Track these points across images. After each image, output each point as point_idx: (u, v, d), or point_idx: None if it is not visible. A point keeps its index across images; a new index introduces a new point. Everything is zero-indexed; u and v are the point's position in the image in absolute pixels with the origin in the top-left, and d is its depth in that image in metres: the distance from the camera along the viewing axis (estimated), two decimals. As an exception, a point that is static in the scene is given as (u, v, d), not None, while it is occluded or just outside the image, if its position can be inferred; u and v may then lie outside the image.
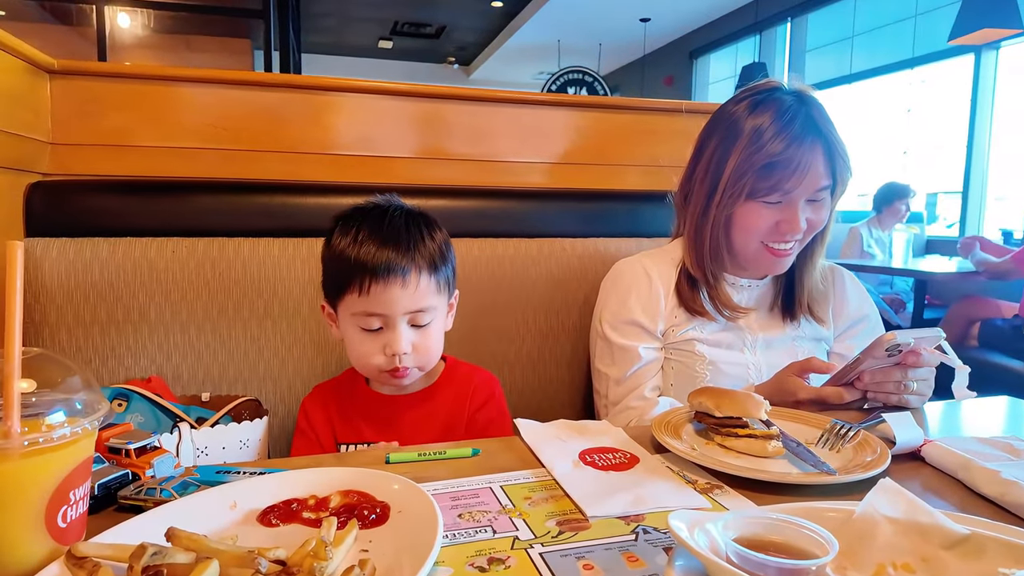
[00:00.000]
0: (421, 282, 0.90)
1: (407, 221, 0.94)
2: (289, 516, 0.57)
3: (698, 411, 0.80)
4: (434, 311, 0.92)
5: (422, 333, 0.92)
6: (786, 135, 0.98)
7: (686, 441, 0.76)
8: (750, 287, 1.15)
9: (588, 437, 0.78)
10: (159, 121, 1.22)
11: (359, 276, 0.89)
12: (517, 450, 0.76)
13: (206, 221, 1.16)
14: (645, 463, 0.71)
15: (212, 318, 1.14)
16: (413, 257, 0.90)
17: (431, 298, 0.92)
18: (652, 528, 0.56)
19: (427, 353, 0.94)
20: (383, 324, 0.91)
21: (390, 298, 0.89)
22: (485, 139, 1.40)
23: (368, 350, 0.92)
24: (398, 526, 0.55)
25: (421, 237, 0.93)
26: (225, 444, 0.90)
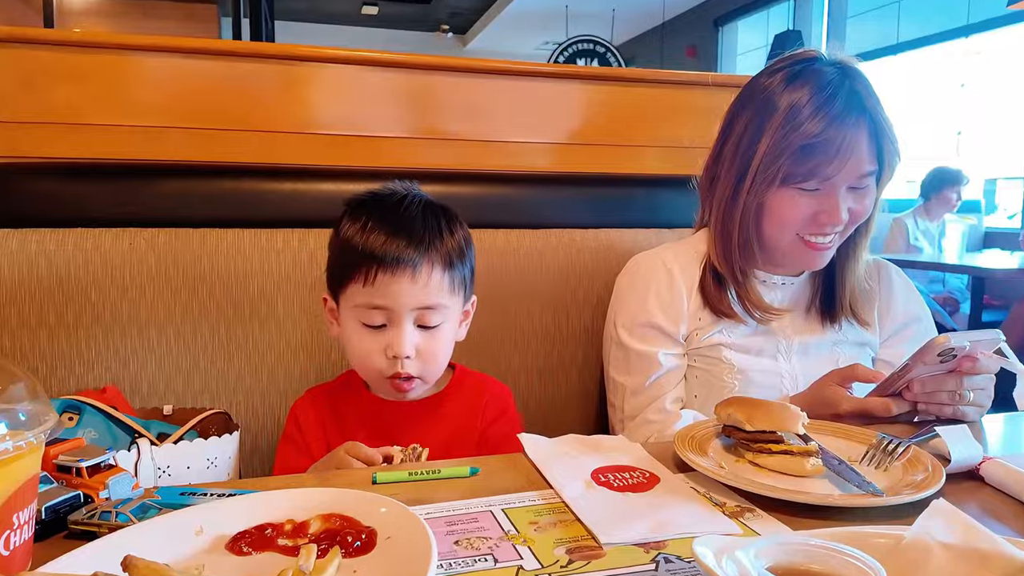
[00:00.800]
0: (434, 277, 0.92)
1: (425, 211, 0.96)
2: (263, 543, 0.57)
3: (726, 424, 0.80)
4: (445, 312, 0.94)
5: (430, 336, 0.93)
6: (826, 113, 0.98)
7: (713, 458, 0.76)
8: (784, 285, 1.15)
9: (602, 454, 0.78)
10: (114, 96, 1.22)
11: (365, 264, 0.91)
12: (521, 469, 0.76)
13: (168, 209, 1.17)
14: (666, 483, 0.71)
15: (175, 320, 1.14)
16: (427, 249, 0.92)
17: (443, 296, 0.93)
18: (675, 556, 0.56)
19: (433, 360, 0.94)
20: (387, 320, 0.92)
21: (397, 290, 0.90)
22: (483, 117, 1.40)
23: (368, 349, 0.93)
24: (386, 554, 0.55)
25: (438, 230, 0.94)
26: (190, 463, 0.90)
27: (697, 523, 0.62)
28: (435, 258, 0.92)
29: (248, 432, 1.16)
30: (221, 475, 0.95)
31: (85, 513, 0.61)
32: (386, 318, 0.92)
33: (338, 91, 1.33)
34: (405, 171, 1.26)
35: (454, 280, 0.94)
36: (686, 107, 1.49)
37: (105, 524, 0.60)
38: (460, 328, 1.02)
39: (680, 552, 0.57)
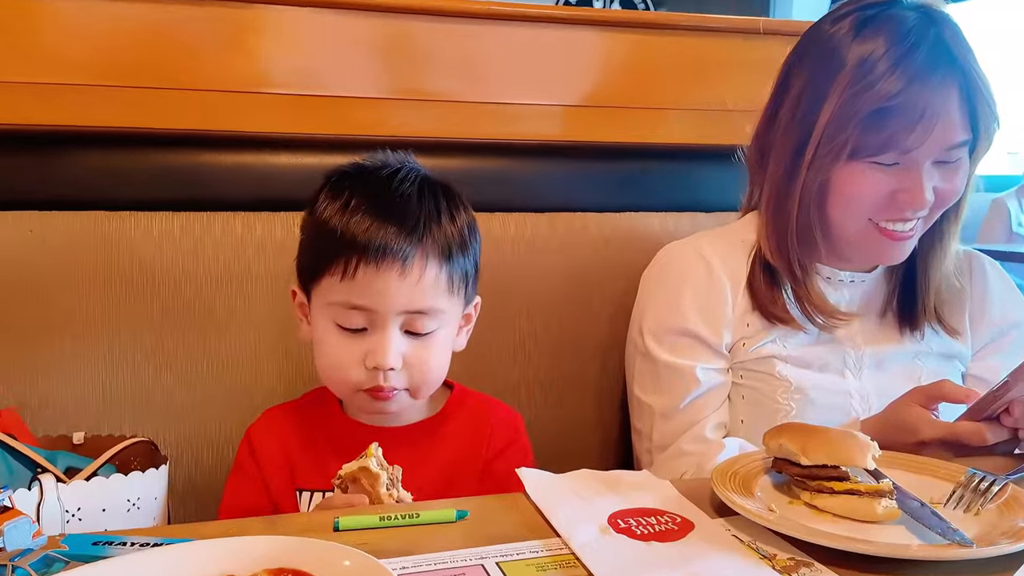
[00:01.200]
0: (428, 274, 0.92)
1: (421, 190, 0.96)
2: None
3: (778, 457, 0.80)
4: (441, 317, 0.94)
5: (421, 345, 0.94)
6: (906, 68, 0.98)
7: (760, 500, 0.76)
8: (854, 283, 1.14)
9: (621, 494, 0.78)
10: (15, 48, 1.21)
11: (344, 253, 0.91)
12: (520, 511, 0.76)
13: (85, 189, 1.17)
14: (702, 530, 0.71)
15: (91, 326, 1.14)
16: (421, 238, 0.92)
17: (439, 298, 0.93)
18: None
19: (425, 372, 0.95)
20: (368, 324, 0.93)
21: (382, 288, 0.90)
22: (476, 72, 1.40)
23: (343, 358, 0.94)
24: None
25: (436, 214, 0.95)
26: (106, 504, 0.89)
27: None
28: (430, 249, 0.92)
29: (180, 466, 1.16)
30: (146, 520, 0.94)
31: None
32: (367, 321, 0.92)
33: (295, 40, 1.32)
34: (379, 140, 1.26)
35: (453, 277, 0.95)
36: (730, 61, 1.48)
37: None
38: (459, 335, 1.02)
39: None
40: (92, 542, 0.66)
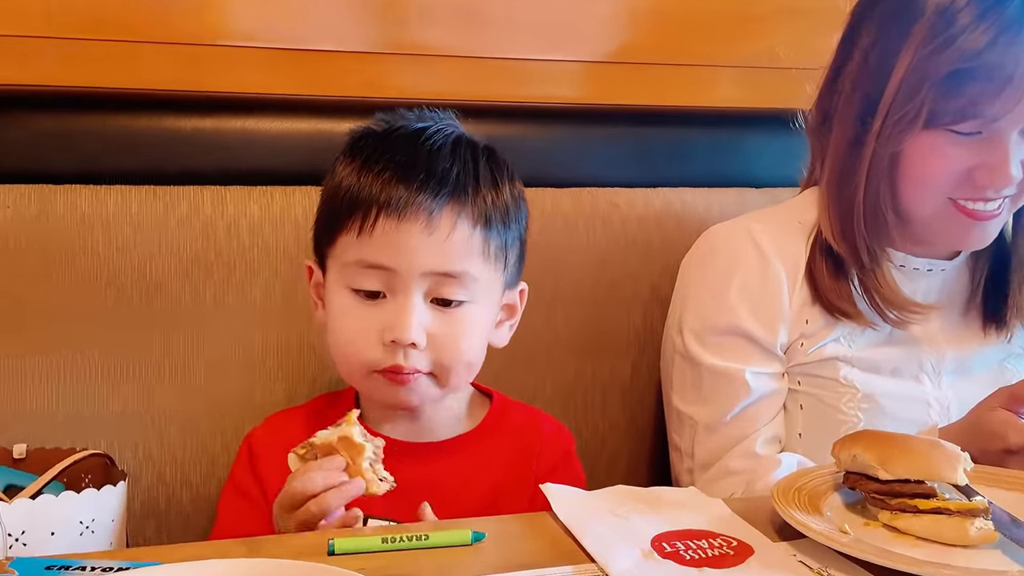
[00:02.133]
0: (458, 230, 0.93)
1: (456, 145, 0.98)
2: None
3: (850, 471, 0.80)
4: (473, 287, 0.95)
5: (449, 319, 0.94)
6: (994, 22, 0.98)
7: (831, 520, 0.76)
8: (931, 272, 1.15)
9: (664, 514, 0.79)
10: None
11: (362, 207, 0.93)
12: (546, 533, 0.76)
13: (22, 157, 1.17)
14: (763, 555, 0.71)
15: (31, 320, 1.14)
16: (453, 192, 0.94)
17: (471, 261, 0.94)
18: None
19: (453, 354, 0.95)
20: (387, 289, 0.94)
21: (404, 244, 0.92)
22: (482, 24, 1.40)
23: (357, 331, 0.95)
24: None
25: (473, 172, 0.97)
26: (55, 527, 0.89)
27: None
28: (463, 207, 0.94)
29: (138, 486, 1.16)
30: (101, 545, 0.94)
31: None
32: (385, 284, 0.93)
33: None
34: (370, 102, 1.26)
35: (489, 243, 0.96)
36: (783, 8, 1.48)
37: (-61, 611, 0.60)
38: (499, 328, 1.03)
39: None
40: (45, 566, 0.66)
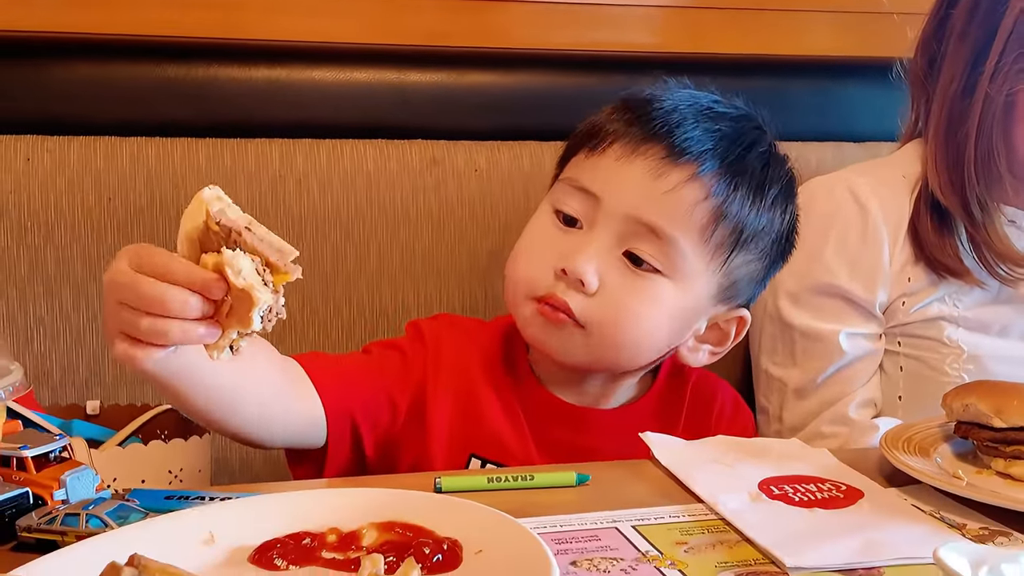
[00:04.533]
0: (687, 190, 0.92)
1: (744, 131, 0.98)
2: (302, 556, 0.65)
3: (962, 421, 0.85)
4: (674, 260, 0.93)
5: (634, 281, 0.93)
6: None
7: (942, 468, 0.82)
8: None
9: (770, 462, 0.85)
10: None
11: (603, 133, 0.96)
12: (650, 478, 0.83)
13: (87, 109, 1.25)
14: (873, 499, 0.77)
15: (98, 276, 1.15)
16: (706, 154, 0.93)
17: (687, 231, 0.93)
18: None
19: (620, 314, 0.93)
20: (585, 219, 0.95)
21: (623, 175, 0.93)
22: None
23: (536, 249, 0.96)
24: (480, 571, 0.62)
25: (745, 153, 0.96)
26: (146, 475, 0.98)
27: (926, 546, 0.65)
28: (708, 172, 0.93)
29: (211, 446, 1.24)
30: (191, 490, 1.02)
31: (39, 518, 0.69)
32: (586, 214, 0.94)
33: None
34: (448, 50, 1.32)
35: (717, 227, 0.93)
36: (884, -50, 1.52)
37: (71, 531, 0.68)
38: (699, 345, 1.02)
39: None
40: (164, 496, 0.74)
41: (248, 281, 0.61)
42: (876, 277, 1.16)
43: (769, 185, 0.98)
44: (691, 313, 0.98)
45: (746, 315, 1.03)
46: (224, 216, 0.62)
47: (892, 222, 1.17)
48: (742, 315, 1.02)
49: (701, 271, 0.96)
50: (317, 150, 1.29)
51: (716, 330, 1.02)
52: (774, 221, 0.99)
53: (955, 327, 1.15)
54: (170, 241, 1.18)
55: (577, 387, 1.03)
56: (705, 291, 0.97)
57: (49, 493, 0.73)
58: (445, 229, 1.32)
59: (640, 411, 1.04)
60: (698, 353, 1.03)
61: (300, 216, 1.28)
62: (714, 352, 1.03)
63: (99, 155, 1.23)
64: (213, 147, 1.27)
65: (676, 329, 0.98)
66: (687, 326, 0.99)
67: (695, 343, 1.02)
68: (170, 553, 0.61)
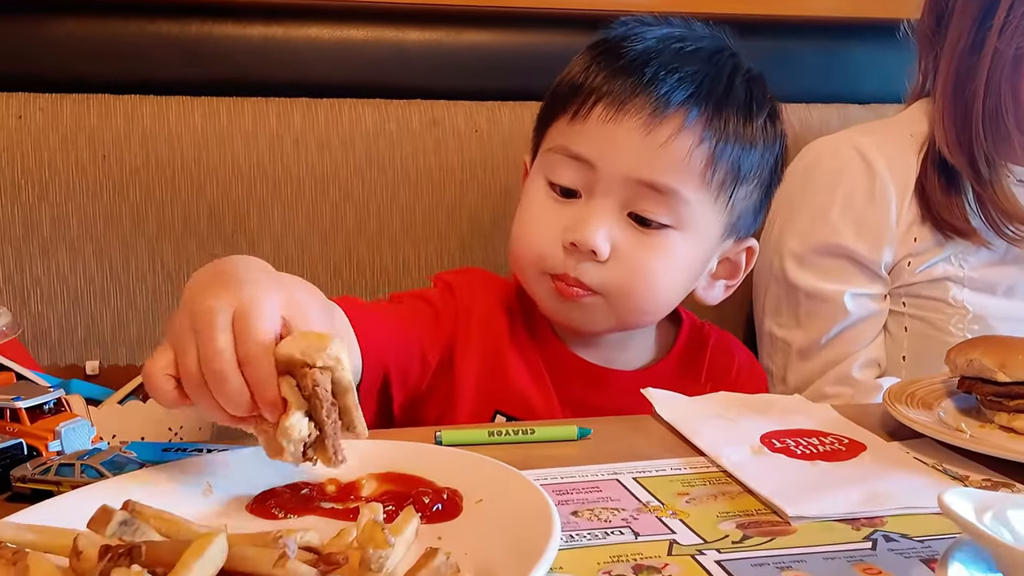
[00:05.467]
0: (680, 140, 0.91)
1: (713, 55, 0.97)
2: (300, 505, 0.65)
3: (966, 376, 0.85)
4: (680, 212, 0.93)
5: (643, 241, 0.93)
6: None
7: (945, 422, 0.82)
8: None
9: (773, 416, 0.86)
10: None
11: (583, 94, 0.94)
12: (651, 433, 0.84)
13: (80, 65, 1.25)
14: (875, 452, 0.78)
15: (94, 236, 1.23)
16: (690, 99, 0.92)
17: (687, 180, 0.92)
18: (899, 535, 0.63)
19: (637, 277, 0.93)
20: (583, 188, 0.94)
21: (614, 139, 0.91)
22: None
23: (539, 225, 0.95)
24: (480, 520, 0.62)
25: (725, 88, 0.95)
26: (145, 432, 0.97)
27: (929, 496, 0.64)
28: (696, 115, 0.92)
29: None
30: (190, 450, 1.03)
31: (34, 468, 0.69)
32: (583, 183, 0.93)
33: None
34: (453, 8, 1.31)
35: (715, 169, 0.93)
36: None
37: (67, 481, 0.68)
38: (713, 283, 1.02)
39: (908, 530, 0.63)
40: (162, 448, 0.74)
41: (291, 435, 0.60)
42: (882, 237, 1.16)
43: (756, 113, 0.98)
44: (705, 256, 0.99)
45: (754, 244, 1.05)
46: (321, 381, 0.60)
47: (899, 181, 1.17)
48: (750, 245, 1.05)
49: (708, 214, 0.96)
50: (315, 109, 1.29)
51: (727, 264, 1.04)
52: (767, 146, 1.00)
53: (960, 287, 1.16)
54: (165, 200, 1.23)
55: (595, 343, 1.03)
56: (714, 233, 0.98)
57: (44, 444, 0.73)
58: (446, 190, 1.32)
59: (662, 372, 1.05)
60: (713, 290, 1.05)
61: (298, 176, 1.28)
62: (729, 285, 1.05)
63: (93, 113, 1.24)
64: (209, 105, 1.27)
65: (692, 276, 1.00)
66: (702, 270, 1.01)
67: (709, 281, 1.03)
68: (167, 503, 0.61)
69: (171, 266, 1.25)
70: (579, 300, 0.94)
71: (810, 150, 1.24)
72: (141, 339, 1.24)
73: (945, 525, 0.63)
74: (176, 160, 1.25)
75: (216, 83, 1.28)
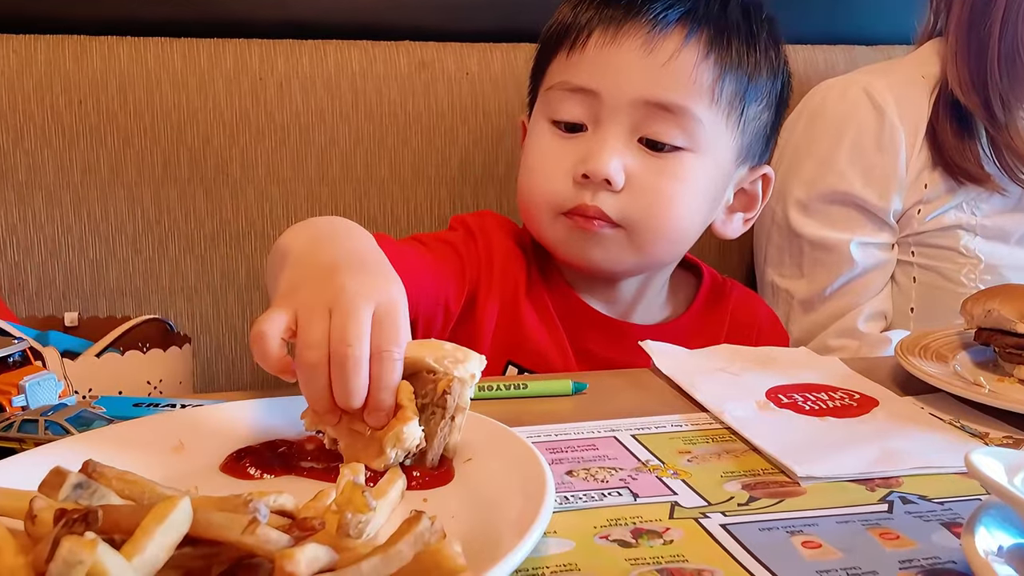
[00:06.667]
0: (684, 56, 0.89)
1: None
2: (277, 464, 0.61)
3: (982, 327, 0.82)
4: (695, 131, 0.90)
5: (656, 165, 0.90)
6: None
7: (962, 375, 0.79)
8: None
9: (777, 370, 0.82)
10: None
11: (576, 28, 0.91)
12: (650, 387, 0.80)
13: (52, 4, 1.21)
14: (888, 407, 0.75)
15: (74, 181, 1.19)
16: (690, 13, 0.90)
17: (696, 98, 0.90)
18: (918, 496, 0.59)
19: (654, 204, 0.90)
20: (590, 120, 0.91)
21: (615, 64, 0.89)
22: None
23: (548, 165, 0.92)
24: (469, 481, 0.59)
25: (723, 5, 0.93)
26: (123, 386, 0.95)
27: (948, 454, 0.64)
28: (698, 28, 0.90)
29: (196, 359, 1.20)
30: (171, 402, 1.00)
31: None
32: (589, 114, 0.91)
33: None
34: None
35: (723, 85, 0.91)
36: None
37: (30, 438, 0.64)
38: (731, 215, 1.00)
39: (926, 491, 0.60)
40: (132, 403, 0.71)
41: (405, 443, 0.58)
42: (891, 183, 1.13)
43: (757, 31, 0.96)
44: (720, 182, 0.96)
45: (769, 171, 1.02)
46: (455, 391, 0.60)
47: (910, 125, 1.14)
48: (765, 172, 1.02)
49: (721, 134, 0.93)
50: (299, 51, 1.24)
51: (743, 195, 1.01)
52: (772, 62, 0.97)
53: (972, 236, 1.13)
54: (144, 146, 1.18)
55: (611, 294, 1.01)
56: (728, 155, 0.95)
57: (7, 399, 0.70)
58: (435, 135, 1.27)
59: (681, 327, 1.02)
60: (732, 223, 1.02)
61: (282, 121, 1.24)
62: (747, 219, 1.02)
63: (68, 55, 1.19)
64: (189, 47, 1.22)
65: (710, 203, 0.96)
66: (719, 198, 0.98)
67: (727, 215, 1.00)
68: (133, 462, 0.58)
69: (151, 215, 1.21)
70: (598, 232, 0.91)
71: (816, 93, 1.20)
72: (121, 289, 1.21)
73: (965, 486, 0.61)
74: (155, 105, 1.20)
75: (196, 23, 1.23)
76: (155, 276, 1.21)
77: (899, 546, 0.53)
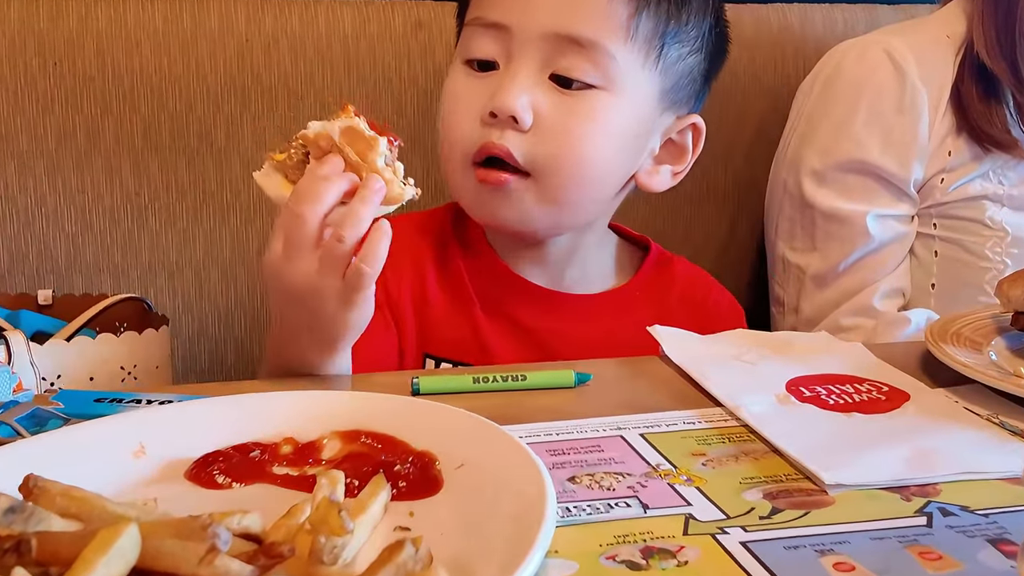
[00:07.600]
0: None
1: None
2: (248, 471, 0.57)
3: (1020, 311, 0.78)
4: (609, 68, 0.87)
5: (570, 103, 0.87)
6: None
7: (999, 365, 0.74)
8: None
9: (797, 359, 0.78)
10: None
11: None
12: (659, 378, 0.76)
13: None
14: (921, 400, 0.70)
15: (47, 148, 1.14)
16: None
17: (609, 33, 0.87)
18: (959, 507, 0.55)
19: (563, 144, 0.87)
20: (501, 57, 0.89)
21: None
22: None
23: (460, 106, 0.90)
24: (460, 492, 0.54)
25: None
26: (94, 372, 0.91)
27: (989, 457, 0.60)
28: None
29: (178, 338, 1.17)
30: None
31: None
32: (500, 50, 0.88)
33: None
34: None
35: (639, 22, 0.88)
36: None
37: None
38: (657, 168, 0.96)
39: (968, 501, 0.55)
40: (93, 399, 0.66)
41: None
42: (912, 150, 1.09)
43: None
44: (638, 126, 0.93)
45: (699, 121, 0.98)
46: None
47: (933, 87, 1.09)
48: (694, 122, 0.97)
49: (637, 74, 0.90)
50: (288, 11, 1.20)
51: (671, 146, 0.98)
52: (700, 3, 0.93)
53: (999, 207, 1.09)
54: (123, 112, 1.13)
55: (540, 256, 0.97)
56: (647, 97, 0.92)
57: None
58: (432, 100, 1.21)
59: (623, 297, 0.99)
60: (658, 175, 0.98)
61: (270, 85, 1.19)
62: (676, 172, 0.99)
63: (42, 14, 1.14)
64: (171, 6, 1.17)
65: (628, 149, 0.93)
66: (639, 145, 0.94)
67: (653, 165, 0.97)
68: (88, 469, 0.54)
69: (130, 185, 1.16)
70: (506, 187, 0.88)
71: (832, 56, 1.16)
72: (98, 265, 1.17)
73: (1011, 494, 0.56)
74: (135, 68, 1.16)
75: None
76: (134, 251, 1.17)
77: (941, 568, 0.49)
